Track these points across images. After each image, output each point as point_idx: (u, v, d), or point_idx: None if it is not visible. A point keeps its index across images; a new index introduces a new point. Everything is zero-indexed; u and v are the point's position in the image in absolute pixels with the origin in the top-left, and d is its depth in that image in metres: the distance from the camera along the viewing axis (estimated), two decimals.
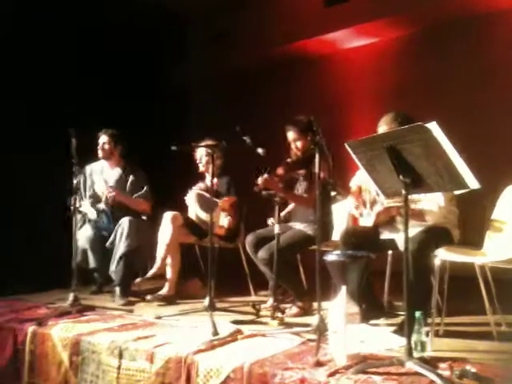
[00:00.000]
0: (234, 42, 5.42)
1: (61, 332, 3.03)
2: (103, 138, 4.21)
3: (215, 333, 2.79)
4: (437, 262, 2.71)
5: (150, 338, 2.82)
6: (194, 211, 4.12)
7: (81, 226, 4.15)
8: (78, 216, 4.03)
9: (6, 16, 4.37)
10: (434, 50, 4.54)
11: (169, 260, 3.92)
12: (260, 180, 3.39)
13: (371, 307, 3.07)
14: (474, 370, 2.06)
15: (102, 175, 4.29)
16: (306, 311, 3.40)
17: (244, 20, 5.38)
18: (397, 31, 4.84)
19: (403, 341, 2.25)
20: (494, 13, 4.25)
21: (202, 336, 2.76)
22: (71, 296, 3.52)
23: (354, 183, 3.31)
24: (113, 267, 3.94)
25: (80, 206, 3.99)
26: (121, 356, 2.72)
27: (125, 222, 3.96)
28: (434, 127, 2.11)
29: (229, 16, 5.41)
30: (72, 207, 3.67)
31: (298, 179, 3.65)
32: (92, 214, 4.11)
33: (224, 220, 3.94)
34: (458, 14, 4.34)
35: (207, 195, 3.88)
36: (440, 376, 2.03)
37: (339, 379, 2.12)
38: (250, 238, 3.64)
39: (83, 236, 4.09)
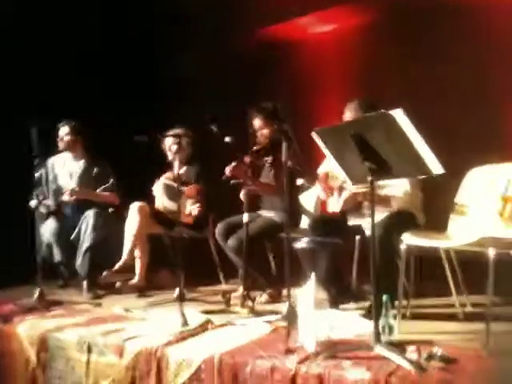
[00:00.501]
0: (202, 26, 5.34)
1: (27, 329, 2.97)
2: (64, 130, 4.09)
3: (185, 324, 2.77)
4: (403, 246, 2.75)
5: (119, 332, 2.78)
6: (162, 201, 4.08)
7: (45, 220, 4.04)
8: (42, 209, 3.95)
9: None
10: (401, 37, 4.55)
11: (137, 252, 3.86)
12: (227, 168, 3.37)
13: (340, 292, 3.11)
14: (440, 351, 2.10)
15: (65, 168, 4.18)
16: (275, 298, 3.42)
17: (211, 5, 5.30)
18: (361, 17, 4.85)
19: (371, 325, 2.29)
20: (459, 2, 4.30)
21: (172, 328, 2.74)
22: (37, 291, 3.45)
23: (321, 170, 3.33)
24: (79, 261, 3.86)
25: (43, 200, 3.89)
26: (89, 351, 2.68)
27: (90, 214, 3.88)
28: (398, 114, 2.13)
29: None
30: (35, 201, 3.58)
31: (264, 167, 3.64)
32: (54, 207, 4.01)
33: (192, 208, 3.90)
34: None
35: (174, 184, 3.83)
36: (408, 360, 2.07)
37: (309, 366, 2.14)
38: (220, 227, 3.63)
39: (47, 229, 3.98)
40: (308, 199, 3.79)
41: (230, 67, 5.36)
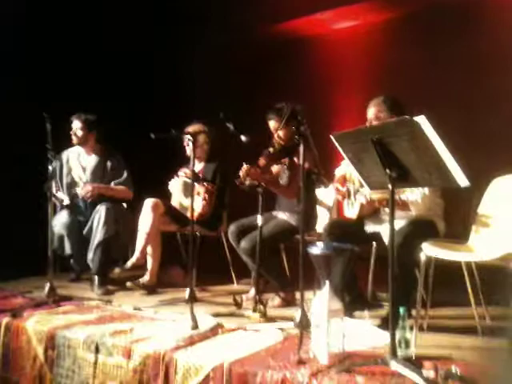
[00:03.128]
0: (220, 24, 5.26)
1: (36, 325, 2.94)
2: (76, 124, 4.05)
3: (195, 327, 2.72)
4: (422, 257, 2.66)
5: (128, 333, 2.74)
6: (178, 199, 4.02)
7: (57, 212, 4.02)
8: (55, 202, 3.92)
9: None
10: (425, 35, 4.44)
11: (149, 249, 3.82)
12: (242, 172, 3.29)
13: (355, 299, 3.03)
14: (459, 370, 2.02)
15: (79, 161, 4.15)
16: (288, 302, 3.35)
17: (231, 1, 5.22)
18: (385, 13, 4.73)
19: (387, 336, 2.21)
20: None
21: (182, 330, 2.69)
22: (47, 286, 3.43)
23: (338, 172, 3.25)
24: (90, 255, 3.84)
25: (56, 192, 3.86)
26: (97, 351, 2.64)
27: (102, 208, 3.83)
28: (422, 121, 2.03)
29: None
30: (48, 193, 3.55)
31: (280, 169, 3.56)
32: (66, 200, 3.98)
33: (196, 204, 3.83)
34: None
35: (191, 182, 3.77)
36: (425, 378, 1.98)
37: (322, 379, 2.07)
38: (232, 228, 3.56)
39: (59, 222, 3.96)
40: (325, 202, 3.72)
41: (247, 64, 5.29)
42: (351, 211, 3.13)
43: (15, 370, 2.95)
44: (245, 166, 3.29)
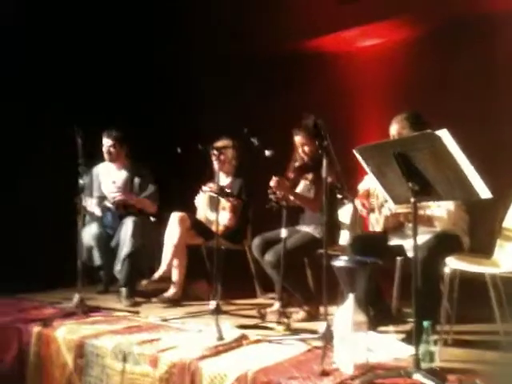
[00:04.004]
0: (247, 39, 5.37)
1: (66, 334, 3.02)
2: (108, 141, 4.17)
3: (220, 338, 2.76)
4: (447, 270, 2.66)
5: (155, 342, 2.80)
6: (204, 213, 4.10)
7: (87, 225, 4.13)
8: (84, 215, 4.03)
9: (6, 16, 4.35)
10: (447, 51, 4.47)
11: (175, 262, 3.89)
12: (273, 183, 3.35)
13: (379, 314, 3.03)
14: None
15: (109, 176, 4.27)
16: (312, 316, 3.37)
17: (257, 14, 5.32)
18: (408, 31, 4.78)
19: (411, 350, 2.22)
20: (507, 12, 4.17)
21: (207, 340, 2.74)
22: (77, 296, 3.52)
23: (362, 187, 3.28)
24: (118, 267, 3.93)
25: (86, 205, 3.97)
26: (125, 360, 2.71)
27: (129, 221, 3.93)
28: (444, 134, 2.06)
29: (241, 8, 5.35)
30: (78, 206, 3.66)
31: (302, 183, 3.62)
32: (97, 211, 4.09)
33: (222, 218, 3.89)
34: (471, 13, 4.26)
35: (217, 196, 3.85)
36: None
37: None
38: (256, 241, 3.61)
39: (88, 234, 4.07)
40: (348, 216, 3.74)
41: (272, 79, 5.37)
42: (376, 226, 3.15)
43: (45, 377, 3.03)
44: (276, 178, 3.35)
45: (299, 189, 3.62)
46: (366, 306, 2.95)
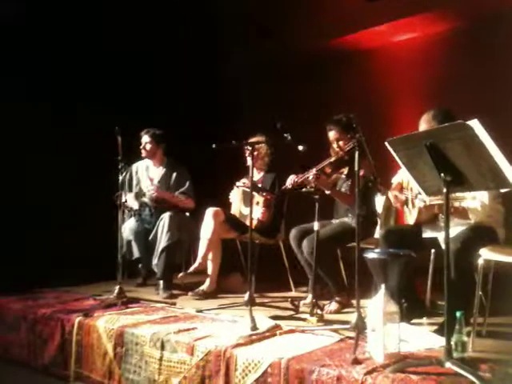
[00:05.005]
0: (280, 37, 5.41)
1: (106, 323, 3.14)
2: (145, 138, 4.32)
3: (254, 327, 2.82)
4: (480, 261, 2.65)
5: (191, 331, 2.88)
6: (238, 207, 4.18)
7: (126, 220, 4.27)
8: (124, 210, 4.17)
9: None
10: (480, 46, 4.40)
11: (210, 255, 3.98)
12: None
13: (413, 306, 3.02)
14: None
15: (147, 173, 4.42)
16: (344, 307, 3.40)
17: (289, 15, 5.36)
18: (441, 26, 4.72)
19: (443, 341, 2.23)
20: None
21: (242, 330, 2.80)
22: (117, 288, 3.64)
23: (395, 180, 3.29)
24: (155, 260, 4.05)
25: (126, 201, 4.10)
26: (163, 348, 2.79)
27: (166, 216, 4.05)
28: (475, 125, 2.07)
29: (275, 10, 5.40)
30: (118, 202, 3.79)
31: (340, 177, 3.65)
32: (136, 206, 4.23)
33: (256, 213, 3.95)
34: (507, 6, 4.19)
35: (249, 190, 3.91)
36: (480, 377, 2.00)
37: (376, 377, 2.11)
38: (294, 232, 3.68)
39: (128, 228, 4.23)
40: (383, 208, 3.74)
41: (306, 76, 5.40)
42: (410, 218, 3.15)
43: (87, 365, 3.15)
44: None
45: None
46: (399, 298, 2.96)
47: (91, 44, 4.83)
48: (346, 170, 3.61)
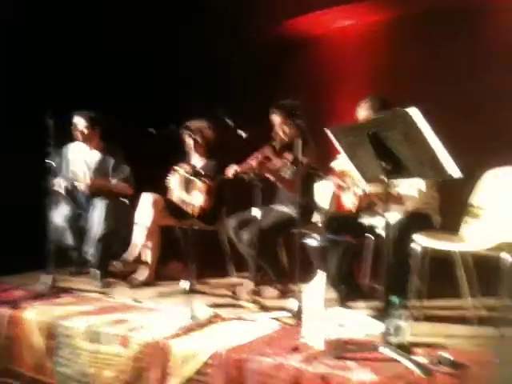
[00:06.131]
0: (221, 21, 5.30)
1: (37, 316, 2.99)
2: (81, 122, 4.09)
3: (193, 317, 2.76)
4: (417, 247, 2.70)
5: (126, 322, 2.78)
6: (178, 194, 4.06)
7: (57, 205, 4.06)
8: (55, 195, 3.97)
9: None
10: (423, 35, 4.49)
11: (149, 244, 3.86)
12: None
13: (350, 290, 3.08)
14: (450, 357, 2.05)
15: (80, 155, 4.19)
16: (285, 293, 3.39)
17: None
18: (384, 14, 4.77)
19: (382, 326, 2.25)
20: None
21: (180, 320, 2.73)
22: (47, 278, 3.47)
23: (335, 164, 3.29)
24: (91, 250, 3.87)
25: (56, 186, 3.90)
26: (96, 340, 2.69)
27: (102, 204, 3.87)
28: (413, 112, 2.08)
29: None
30: (48, 187, 3.59)
31: (286, 164, 3.62)
32: (65, 191, 4.03)
33: (198, 199, 3.88)
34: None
35: (190, 177, 3.82)
36: (415, 362, 2.03)
37: (315, 365, 2.11)
38: (231, 222, 3.61)
39: (60, 214, 3.99)
40: (323, 195, 3.75)
41: (248, 61, 5.33)
42: (349, 204, 3.17)
43: (17, 359, 2.99)
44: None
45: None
46: (339, 283, 2.99)
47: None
48: (290, 157, 3.58)
